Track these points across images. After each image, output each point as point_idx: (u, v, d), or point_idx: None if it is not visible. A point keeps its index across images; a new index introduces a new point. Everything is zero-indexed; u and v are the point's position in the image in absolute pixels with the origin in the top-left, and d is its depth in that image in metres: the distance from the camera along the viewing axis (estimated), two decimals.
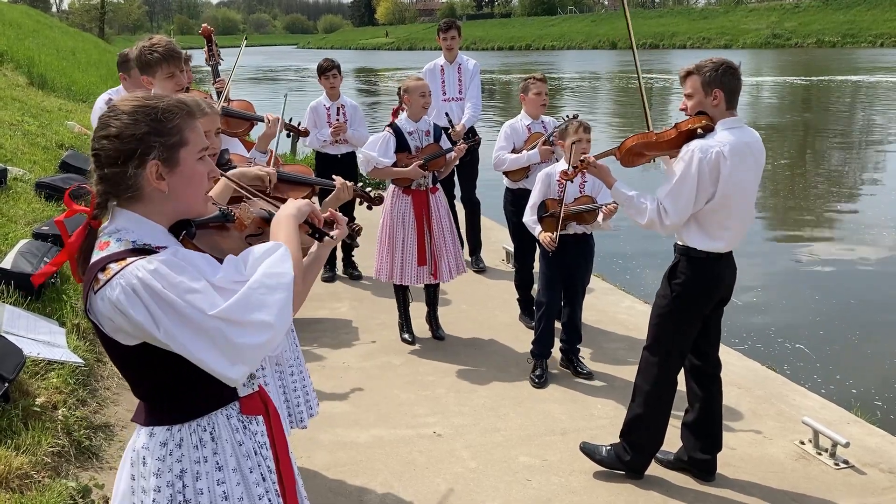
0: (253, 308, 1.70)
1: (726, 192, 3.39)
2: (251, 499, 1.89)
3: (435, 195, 5.37)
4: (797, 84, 31.18)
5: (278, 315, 1.73)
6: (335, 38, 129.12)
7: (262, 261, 1.78)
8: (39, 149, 8.68)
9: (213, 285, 1.70)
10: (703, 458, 3.78)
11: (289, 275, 1.77)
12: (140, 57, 3.67)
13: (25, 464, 3.26)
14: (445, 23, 7.12)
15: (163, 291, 1.65)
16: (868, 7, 62.98)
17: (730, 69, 3.43)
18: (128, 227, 1.78)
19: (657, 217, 3.46)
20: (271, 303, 1.72)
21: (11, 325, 4.08)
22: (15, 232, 5.46)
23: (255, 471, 1.91)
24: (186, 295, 1.66)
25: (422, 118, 5.29)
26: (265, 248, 1.82)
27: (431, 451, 4.09)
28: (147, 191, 1.78)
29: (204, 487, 1.84)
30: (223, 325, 1.67)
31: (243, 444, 1.91)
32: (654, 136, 3.51)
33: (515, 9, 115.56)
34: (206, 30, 5.54)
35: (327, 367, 5.13)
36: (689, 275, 3.54)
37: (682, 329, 3.62)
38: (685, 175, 3.37)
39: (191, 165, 1.82)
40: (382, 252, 5.36)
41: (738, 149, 3.38)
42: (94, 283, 1.72)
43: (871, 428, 4.31)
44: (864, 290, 7.84)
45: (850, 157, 15.76)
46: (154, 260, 1.69)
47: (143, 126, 1.76)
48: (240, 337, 1.69)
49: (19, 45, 17.64)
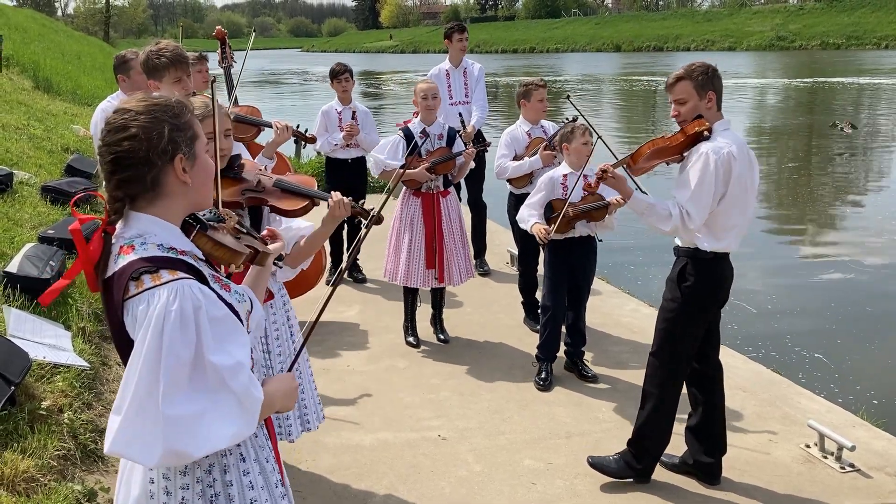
0: (200, 436, 1.69)
1: (734, 191, 3.44)
2: (269, 487, 1.98)
3: (446, 198, 5.37)
4: (801, 86, 31.14)
5: (181, 449, 1.68)
6: (339, 41, 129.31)
7: (241, 401, 1.75)
8: (45, 152, 8.71)
9: (201, 366, 1.70)
10: (707, 462, 3.78)
11: (225, 439, 1.73)
12: (147, 61, 3.69)
13: (31, 467, 3.27)
14: (459, 25, 7.26)
15: (155, 339, 1.66)
16: (873, 9, 62.86)
17: (716, 72, 3.50)
18: (150, 231, 1.80)
19: (681, 222, 3.48)
20: (199, 442, 1.69)
21: (17, 328, 4.10)
22: (21, 235, 5.47)
23: (269, 460, 2.00)
24: (168, 370, 1.66)
25: (434, 121, 5.30)
26: (256, 397, 1.79)
27: (436, 454, 4.09)
28: (170, 187, 1.81)
29: (233, 479, 1.90)
30: (165, 423, 1.66)
31: (257, 435, 1.98)
32: (663, 141, 3.53)
33: (519, 11, 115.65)
34: (220, 32, 5.56)
35: (332, 370, 5.13)
36: (697, 277, 3.55)
37: (691, 332, 3.63)
38: (703, 177, 3.40)
39: (204, 157, 1.89)
40: (392, 254, 5.38)
41: (741, 149, 3.45)
42: (126, 292, 1.73)
43: (877, 431, 4.30)
44: (868, 293, 7.82)
45: (857, 159, 15.73)
46: (178, 301, 1.69)
47: (165, 123, 1.78)
48: (170, 439, 1.67)
49: (25, 49, 17.72)
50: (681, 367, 3.67)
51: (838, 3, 67.28)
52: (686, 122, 3.50)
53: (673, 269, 3.66)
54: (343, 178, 6.55)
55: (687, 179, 3.46)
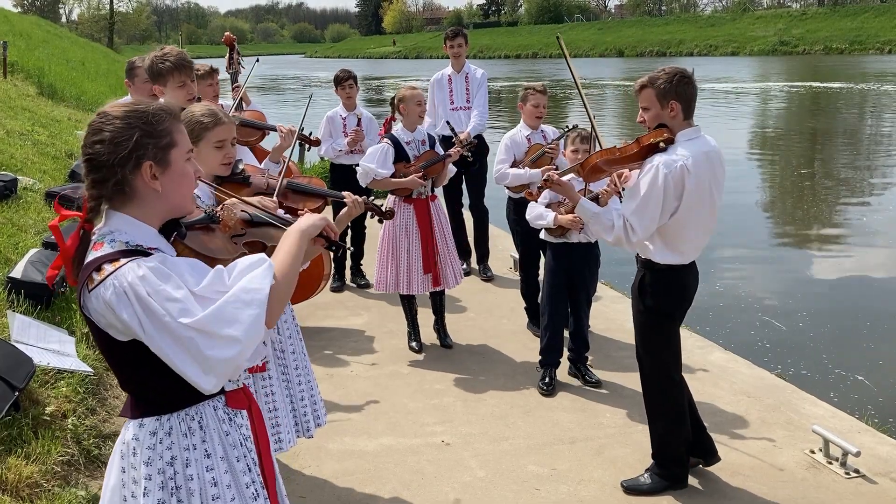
0: (225, 322, 1.77)
1: (689, 205, 3.38)
2: (238, 486, 1.98)
3: (434, 203, 5.38)
4: (804, 91, 31.12)
5: (246, 331, 1.79)
6: (342, 46, 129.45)
7: (245, 274, 1.85)
8: (49, 158, 8.73)
9: (194, 294, 1.78)
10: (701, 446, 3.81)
11: (264, 291, 1.83)
12: (152, 67, 3.70)
13: (35, 472, 3.27)
14: (452, 30, 7.13)
15: (146, 298, 1.75)
16: (876, 14, 62.82)
17: (684, 78, 3.38)
18: (121, 229, 1.87)
19: (623, 234, 3.46)
20: (243, 318, 1.79)
21: (21, 334, 4.10)
22: (25, 241, 5.49)
23: (241, 460, 2.00)
24: (166, 303, 1.75)
25: (417, 128, 5.30)
26: (250, 262, 1.88)
27: (440, 459, 4.09)
28: (140, 192, 1.88)
29: (194, 473, 1.92)
30: (196, 336, 1.76)
31: (230, 434, 1.99)
32: (616, 151, 3.48)
33: (522, 17, 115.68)
34: (228, 38, 5.59)
35: (335, 375, 5.13)
36: (657, 288, 3.56)
37: (667, 336, 3.65)
38: (651, 191, 3.35)
39: (181, 165, 1.93)
40: (385, 263, 5.34)
41: (699, 160, 3.37)
42: (89, 281, 1.81)
43: (881, 437, 4.29)
44: (874, 298, 7.81)
45: (860, 163, 15.71)
46: (143, 265, 1.78)
47: (137, 129, 1.85)
48: (209, 349, 1.77)
49: (29, 56, 17.78)
50: (671, 366, 3.67)
51: (841, 8, 67.27)
52: (650, 129, 3.45)
53: (634, 279, 3.68)
54: (348, 183, 6.55)
55: (635, 191, 3.42)
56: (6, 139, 8.65)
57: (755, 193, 12.97)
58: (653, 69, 3.47)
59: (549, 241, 4.88)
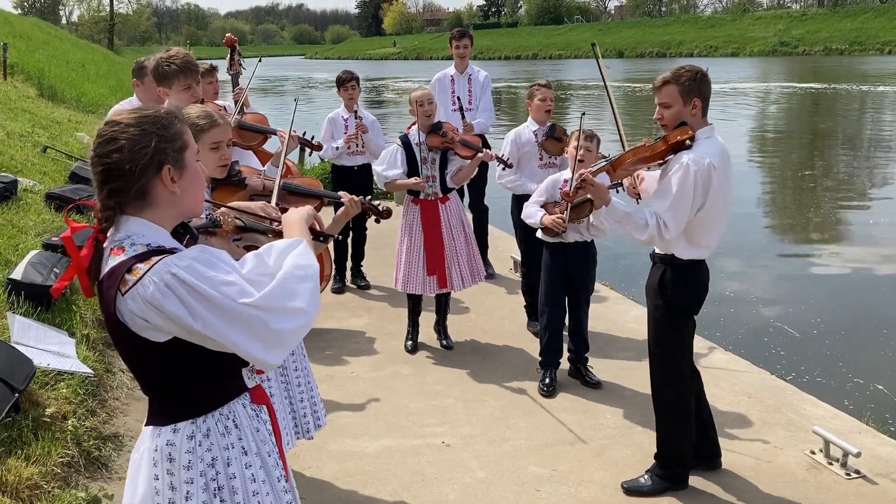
0: (287, 296, 1.82)
1: (714, 201, 3.44)
2: (271, 481, 2.01)
3: (445, 204, 5.38)
4: (805, 91, 31.12)
5: (309, 301, 1.86)
6: (342, 48, 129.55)
7: (288, 253, 1.90)
8: (49, 160, 8.73)
9: (244, 277, 1.81)
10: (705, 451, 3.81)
11: (315, 266, 1.92)
12: (157, 68, 3.70)
13: (35, 474, 3.27)
14: (459, 31, 7.16)
15: (198, 284, 1.75)
16: (875, 14, 62.86)
17: (705, 77, 3.45)
18: (138, 232, 1.86)
19: (657, 232, 3.48)
20: (302, 291, 1.85)
21: (22, 335, 4.10)
22: (25, 242, 5.49)
23: (271, 455, 2.03)
24: (222, 287, 1.77)
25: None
26: (287, 243, 1.94)
27: (440, 461, 4.09)
28: (157, 197, 1.88)
29: (236, 472, 1.94)
30: (260, 314, 1.78)
31: (259, 430, 2.02)
32: (647, 150, 3.50)
33: (522, 18, 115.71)
34: (230, 39, 5.57)
35: (336, 377, 5.13)
36: (679, 284, 3.59)
37: (682, 333, 3.68)
38: (682, 188, 3.39)
39: (194, 166, 1.95)
40: (397, 262, 5.44)
41: (722, 158, 3.44)
42: (122, 284, 1.79)
43: (882, 437, 4.29)
44: (874, 299, 7.80)
45: (860, 164, 15.70)
46: (185, 256, 1.79)
47: (153, 135, 1.85)
48: (276, 323, 1.80)
49: (29, 57, 17.79)
50: (681, 369, 3.69)
51: (841, 9, 67.30)
52: (669, 127, 3.47)
53: (651, 276, 3.69)
54: (349, 184, 6.55)
55: (666, 189, 3.45)
56: (6, 140, 8.65)
57: (755, 193, 12.97)
58: (653, 69, 3.49)
59: (545, 241, 4.88)
